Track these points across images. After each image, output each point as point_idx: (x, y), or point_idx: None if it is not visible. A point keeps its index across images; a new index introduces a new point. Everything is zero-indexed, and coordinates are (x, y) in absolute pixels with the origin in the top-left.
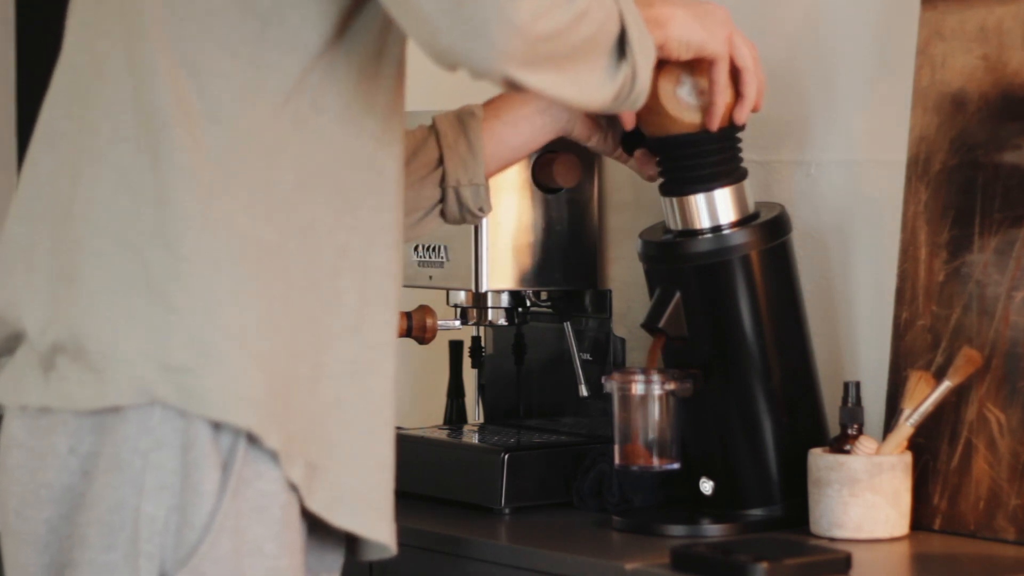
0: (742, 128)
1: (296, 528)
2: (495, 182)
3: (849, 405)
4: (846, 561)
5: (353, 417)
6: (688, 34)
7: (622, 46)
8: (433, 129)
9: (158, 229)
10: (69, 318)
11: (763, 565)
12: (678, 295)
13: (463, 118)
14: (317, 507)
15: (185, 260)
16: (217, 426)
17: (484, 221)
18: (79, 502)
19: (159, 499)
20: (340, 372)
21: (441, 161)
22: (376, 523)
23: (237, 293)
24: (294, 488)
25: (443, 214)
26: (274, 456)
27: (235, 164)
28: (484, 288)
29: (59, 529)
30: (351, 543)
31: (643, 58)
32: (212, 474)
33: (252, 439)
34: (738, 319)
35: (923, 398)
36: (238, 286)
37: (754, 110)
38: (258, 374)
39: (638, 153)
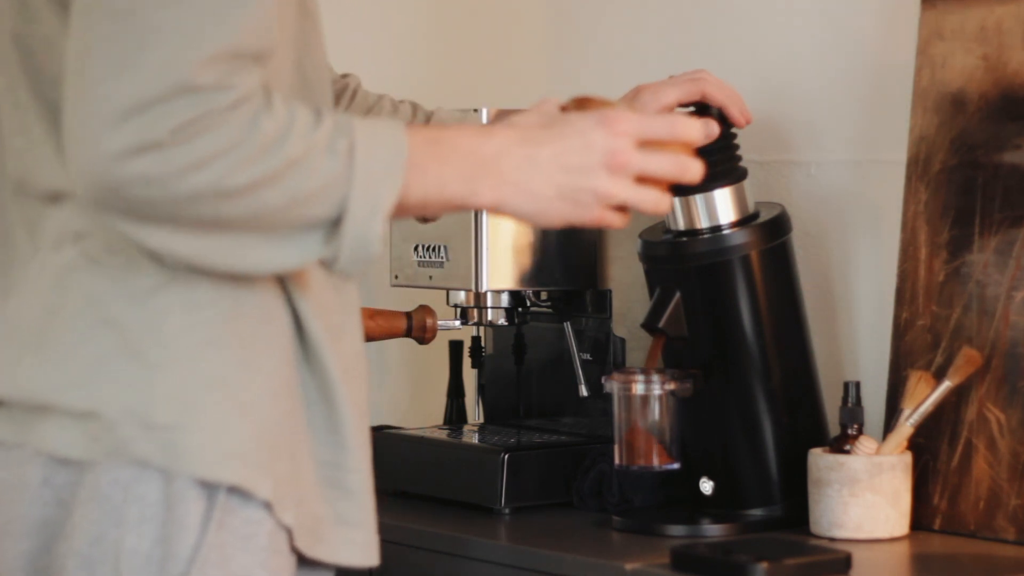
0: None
1: (285, 553)
2: None
3: (849, 405)
4: (846, 561)
5: (354, 445)
6: (515, 198)
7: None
8: (428, 117)
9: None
10: (37, 381)
11: (763, 565)
12: (678, 295)
13: (467, 119)
14: (316, 554)
15: (157, 313)
16: None
17: (484, 221)
18: (56, 533)
19: (141, 531)
20: (320, 394)
21: None
22: (370, 546)
23: (213, 341)
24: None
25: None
26: (267, 506)
27: None
28: (484, 288)
29: (37, 561)
30: None
31: (355, 256)
32: (196, 505)
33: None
34: (738, 319)
35: (923, 398)
36: (213, 333)
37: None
38: (243, 424)
39: None
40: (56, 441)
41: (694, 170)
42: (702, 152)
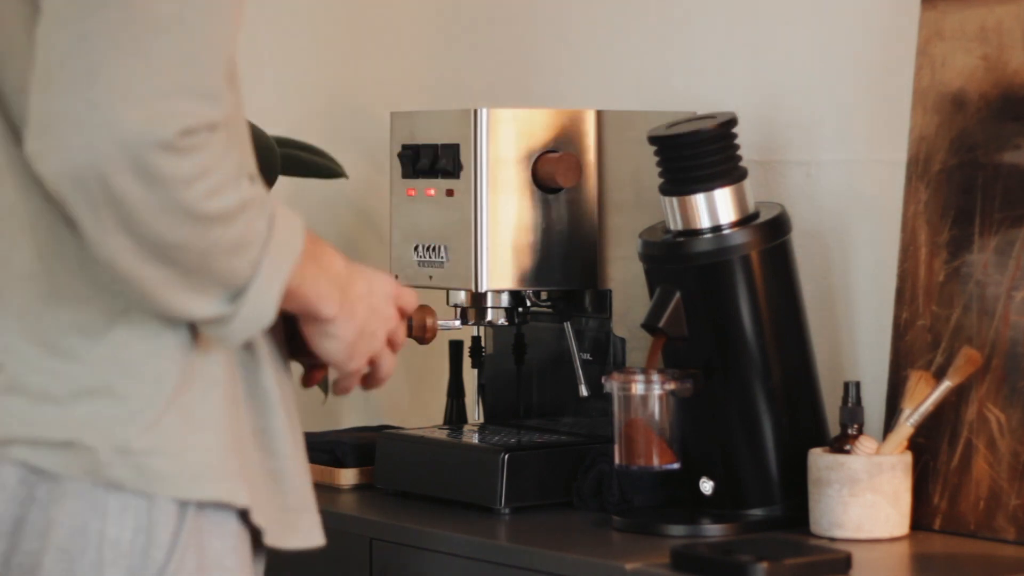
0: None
1: (247, 540)
2: (494, 183)
3: (849, 405)
4: (846, 561)
5: (290, 438)
6: (337, 342)
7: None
8: None
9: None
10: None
11: (763, 565)
12: (678, 295)
13: None
14: (287, 544)
15: (116, 345)
16: None
17: (484, 221)
18: (31, 530)
19: (123, 521)
20: (271, 402)
21: None
22: (317, 528)
23: (171, 364)
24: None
25: None
26: (247, 512)
27: None
28: (484, 288)
29: (11, 560)
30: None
31: (248, 320)
32: (174, 507)
33: None
34: (738, 319)
35: (923, 398)
36: (170, 357)
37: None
38: (211, 439)
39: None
40: (34, 459)
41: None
42: (702, 152)
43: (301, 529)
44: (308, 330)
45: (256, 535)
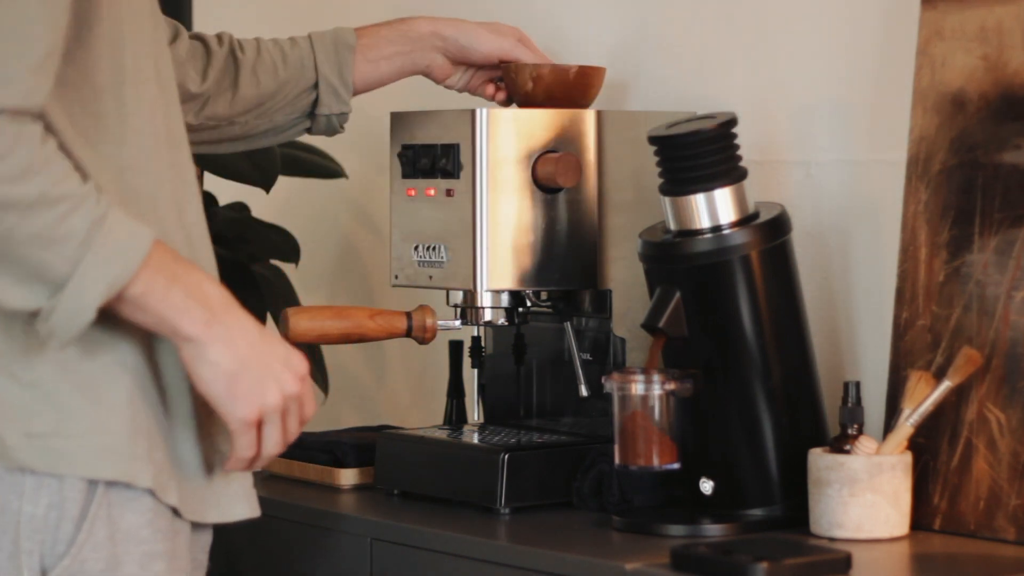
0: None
1: (166, 514)
2: (494, 183)
3: (849, 405)
4: (846, 561)
5: (194, 420)
6: (212, 369)
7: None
8: (312, 51)
9: None
10: None
11: (763, 565)
12: (678, 295)
13: (339, 48)
14: (205, 519)
15: (27, 336)
16: None
17: (484, 221)
18: None
19: (38, 499)
20: (177, 381)
21: (316, 87)
22: (242, 502)
23: (82, 351)
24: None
25: (309, 130)
26: (150, 493)
27: None
28: (484, 288)
29: None
30: None
31: (67, 317)
32: (83, 485)
33: None
34: (738, 319)
35: (923, 398)
36: (81, 344)
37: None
38: (117, 422)
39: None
40: None
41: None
42: (702, 153)
43: (220, 504)
44: (184, 356)
45: None
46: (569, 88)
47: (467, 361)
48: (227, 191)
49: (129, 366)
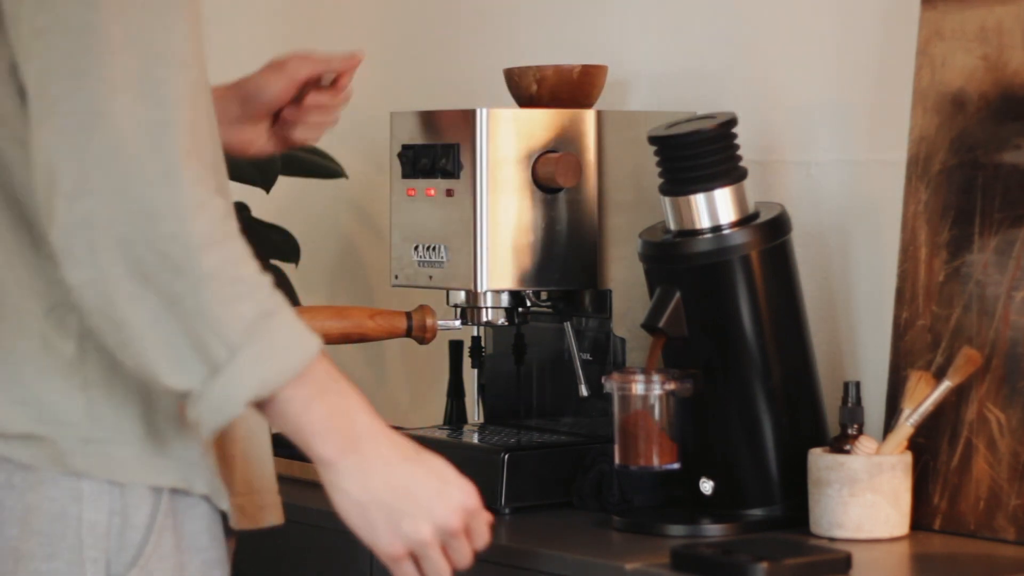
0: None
1: (219, 520)
2: (494, 183)
3: (849, 405)
4: (846, 561)
5: (242, 422)
6: (344, 497)
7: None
8: None
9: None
10: None
11: (763, 565)
12: (678, 295)
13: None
14: (238, 525)
15: (72, 338)
16: None
17: (484, 221)
18: (9, 516)
19: (99, 505)
20: None
21: None
22: (273, 509)
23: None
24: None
25: None
26: (206, 499)
27: None
28: (484, 288)
29: None
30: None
31: (215, 406)
32: (146, 491)
33: None
34: (738, 319)
35: (923, 398)
36: None
37: None
38: (172, 426)
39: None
40: (4, 450)
41: None
42: (702, 153)
43: (253, 512)
44: (320, 478)
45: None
46: (573, 88)
47: (467, 361)
48: None
49: None
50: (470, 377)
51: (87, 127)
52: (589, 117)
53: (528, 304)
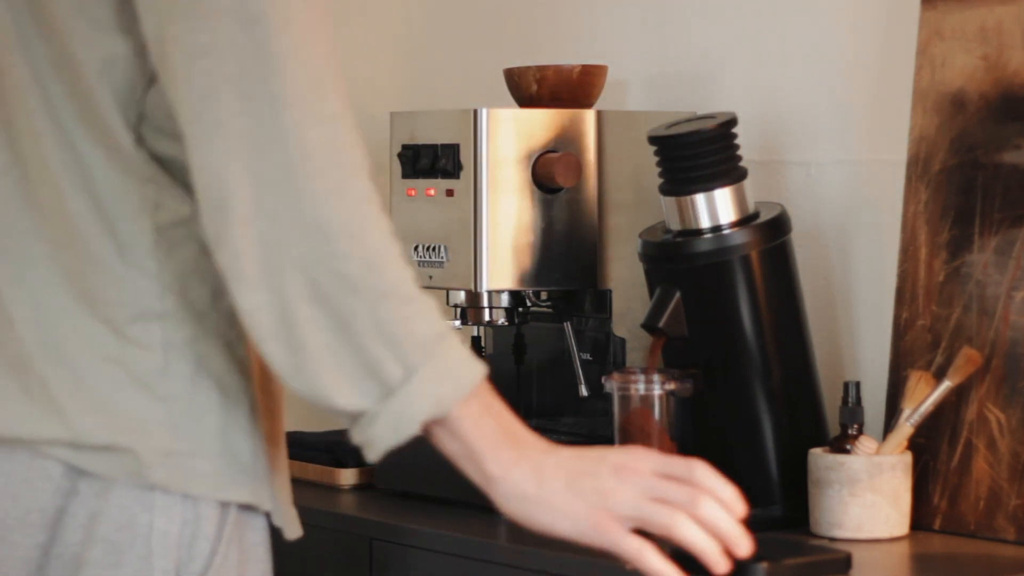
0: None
1: (270, 533)
2: (494, 183)
3: (849, 405)
4: (846, 561)
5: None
6: (525, 503)
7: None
8: None
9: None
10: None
11: (763, 565)
12: (678, 295)
13: None
14: (295, 535)
15: (155, 348)
16: None
17: (484, 221)
18: (72, 522)
19: (171, 514)
20: (266, 405)
21: None
22: (296, 520)
23: (209, 371)
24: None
25: None
26: (268, 516)
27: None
28: (484, 288)
29: (50, 551)
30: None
31: (391, 427)
32: (215, 504)
33: None
34: (738, 319)
35: (923, 398)
36: (209, 363)
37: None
38: (245, 441)
39: None
40: (77, 461)
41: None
42: (702, 152)
43: (288, 523)
44: (495, 500)
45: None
46: (573, 87)
47: None
48: None
49: (248, 390)
50: None
51: (259, 148)
52: (589, 117)
53: (528, 304)
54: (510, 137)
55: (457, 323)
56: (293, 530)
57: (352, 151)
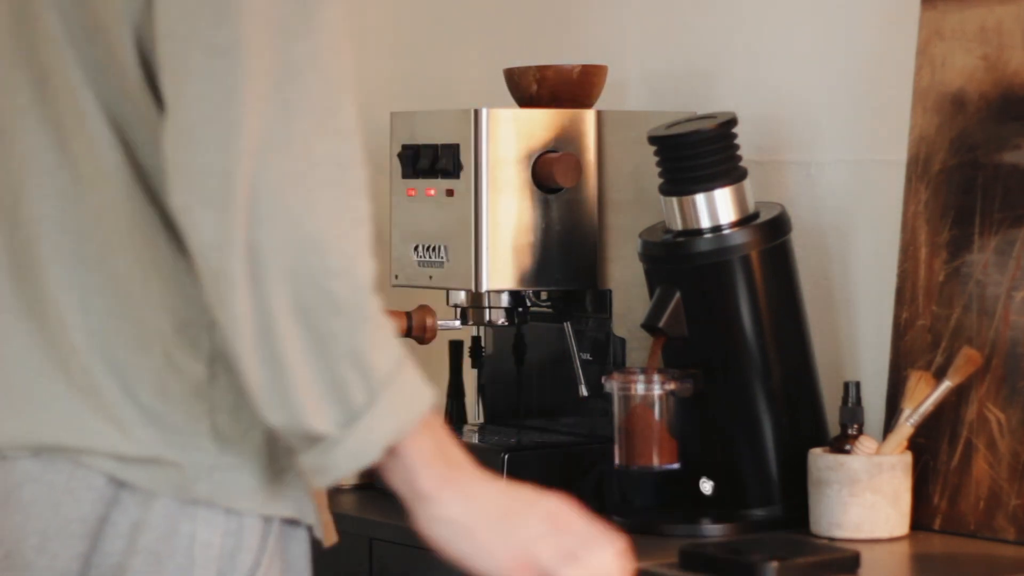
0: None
1: (310, 544)
2: (494, 183)
3: (849, 405)
4: (855, 560)
5: None
6: (450, 528)
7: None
8: None
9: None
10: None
11: (773, 564)
12: (678, 295)
13: None
14: (329, 542)
15: (202, 358)
16: None
17: (484, 221)
18: (112, 531)
19: (214, 525)
20: None
21: None
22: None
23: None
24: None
25: None
26: (309, 529)
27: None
28: (484, 288)
29: (91, 559)
30: None
31: (353, 451)
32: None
33: None
34: (738, 319)
35: (923, 398)
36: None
37: None
38: (288, 455)
39: None
40: (120, 473)
41: None
42: (702, 152)
43: (325, 530)
44: (420, 521)
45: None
46: (573, 87)
47: (467, 361)
48: None
49: None
50: (470, 377)
51: (265, 152)
52: (589, 117)
53: (528, 304)
54: (510, 137)
55: (457, 323)
56: (329, 537)
57: (356, 170)
